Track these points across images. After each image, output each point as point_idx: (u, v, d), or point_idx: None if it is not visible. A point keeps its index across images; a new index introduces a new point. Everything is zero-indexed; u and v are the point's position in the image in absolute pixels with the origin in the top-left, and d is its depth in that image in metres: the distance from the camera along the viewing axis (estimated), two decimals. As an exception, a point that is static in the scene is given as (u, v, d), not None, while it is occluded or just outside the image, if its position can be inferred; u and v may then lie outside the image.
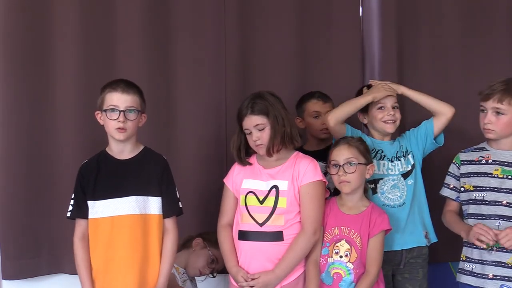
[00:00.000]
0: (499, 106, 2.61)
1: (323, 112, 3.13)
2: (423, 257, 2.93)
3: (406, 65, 3.42)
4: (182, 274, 3.02)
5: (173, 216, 2.71)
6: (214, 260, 3.06)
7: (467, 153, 2.81)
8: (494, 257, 2.62)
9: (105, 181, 2.66)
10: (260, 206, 2.70)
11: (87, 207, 2.66)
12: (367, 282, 2.67)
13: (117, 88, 2.62)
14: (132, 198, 2.63)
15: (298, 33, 3.42)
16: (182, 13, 3.34)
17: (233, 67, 3.37)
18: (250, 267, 2.68)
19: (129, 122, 2.62)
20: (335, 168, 2.74)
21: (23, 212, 3.25)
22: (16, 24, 3.21)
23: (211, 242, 3.03)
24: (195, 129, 3.35)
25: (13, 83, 3.23)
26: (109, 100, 2.63)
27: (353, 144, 2.76)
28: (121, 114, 2.60)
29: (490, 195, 2.66)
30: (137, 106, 2.65)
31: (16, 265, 3.26)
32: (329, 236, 2.75)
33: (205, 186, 3.30)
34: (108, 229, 2.63)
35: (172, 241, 2.68)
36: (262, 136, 2.70)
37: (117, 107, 2.61)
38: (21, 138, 3.25)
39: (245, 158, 2.79)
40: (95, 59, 3.28)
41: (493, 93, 2.62)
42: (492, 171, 2.67)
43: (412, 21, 3.44)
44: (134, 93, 2.65)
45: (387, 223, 2.73)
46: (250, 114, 2.71)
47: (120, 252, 2.62)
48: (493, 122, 2.64)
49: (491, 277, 2.62)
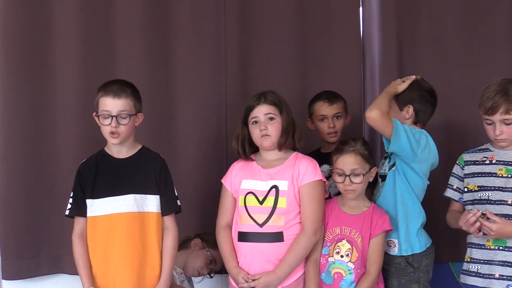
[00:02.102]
0: (507, 117, 2.61)
1: (329, 115, 3.09)
2: (397, 266, 2.78)
3: (406, 65, 3.41)
4: (180, 274, 3.03)
5: (172, 214, 2.72)
6: (213, 261, 3.06)
7: (471, 153, 2.80)
8: (501, 256, 2.62)
9: (104, 179, 2.68)
10: (260, 207, 2.69)
11: (85, 205, 2.68)
12: (368, 282, 2.67)
13: (109, 93, 2.62)
14: (130, 196, 2.65)
15: (298, 33, 3.41)
16: (182, 13, 3.34)
17: (233, 67, 3.37)
18: (250, 268, 2.67)
19: (122, 127, 2.63)
20: (341, 177, 2.72)
21: (23, 212, 3.26)
22: (16, 24, 3.22)
23: (209, 242, 3.04)
24: (195, 129, 3.35)
25: (12, 83, 3.24)
26: (102, 104, 2.64)
27: (358, 152, 2.72)
28: (113, 120, 2.61)
29: (495, 194, 2.64)
30: (130, 110, 2.65)
31: (16, 265, 3.27)
32: (330, 236, 2.74)
33: (205, 186, 3.30)
34: (106, 227, 2.65)
35: (172, 238, 2.69)
36: (271, 127, 2.70)
37: (110, 112, 2.62)
38: (21, 138, 3.25)
39: (249, 152, 2.78)
40: (95, 59, 3.28)
41: (498, 106, 2.60)
42: (497, 171, 2.67)
43: (412, 21, 3.43)
44: (126, 97, 2.64)
45: (388, 224, 2.73)
46: (262, 103, 2.72)
47: (118, 249, 2.63)
48: (505, 131, 2.63)
49: (498, 277, 2.61)
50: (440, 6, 3.42)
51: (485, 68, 3.36)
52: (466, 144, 3.18)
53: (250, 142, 2.78)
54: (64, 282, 3.34)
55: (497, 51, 3.39)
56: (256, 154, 2.82)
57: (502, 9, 3.41)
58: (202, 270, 3.08)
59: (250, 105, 2.76)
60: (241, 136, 2.78)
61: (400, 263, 2.78)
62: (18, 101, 3.25)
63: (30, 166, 3.26)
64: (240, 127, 2.79)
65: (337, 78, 3.39)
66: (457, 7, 3.41)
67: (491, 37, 3.40)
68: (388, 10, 3.42)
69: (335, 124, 3.09)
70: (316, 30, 3.43)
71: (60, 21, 3.26)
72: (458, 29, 3.42)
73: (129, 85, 2.69)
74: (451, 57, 3.41)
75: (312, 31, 3.42)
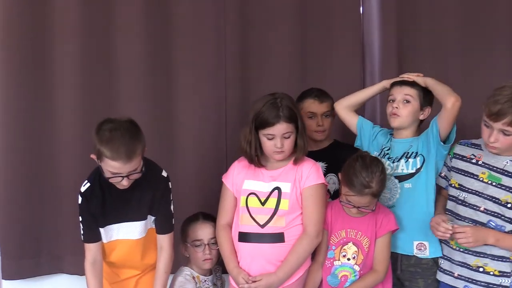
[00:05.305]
0: (508, 129, 2.47)
1: (319, 113, 3.08)
2: (424, 267, 2.75)
3: (406, 65, 3.41)
4: (204, 281, 2.94)
5: (169, 234, 2.72)
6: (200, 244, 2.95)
7: (463, 146, 2.72)
8: (460, 257, 2.62)
9: (112, 207, 2.62)
10: (261, 208, 2.68)
11: (98, 232, 2.64)
12: (373, 278, 2.66)
13: (118, 159, 2.41)
14: (137, 223, 2.65)
15: (298, 33, 3.41)
16: (183, 13, 3.32)
17: (233, 67, 3.36)
18: (250, 269, 2.67)
19: (131, 181, 2.51)
20: (350, 204, 2.65)
21: (23, 212, 3.26)
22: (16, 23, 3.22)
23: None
24: (195, 130, 3.34)
25: (12, 83, 3.23)
26: (109, 166, 2.45)
27: (373, 194, 2.60)
28: (124, 179, 2.47)
29: (471, 198, 2.60)
30: (140, 166, 2.51)
31: (16, 265, 3.28)
32: (336, 239, 2.73)
33: (205, 187, 3.29)
34: (114, 252, 2.67)
35: (165, 261, 2.70)
36: (286, 143, 2.66)
37: (120, 174, 2.46)
38: (21, 138, 3.25)
39: (261, 162, 2.73)
40: (95, 60, 3.28)
41: (504, 115, 2.44)
42: (479, 174, 2.60)
43: (412, 20, 3.43)
44: (137, 155, 2.46)
45: (393, 223, 2.71)
46: (282, 121, 2.62)
47: (131, 269, 2.70)
48: (499, 140, 2.51)
49: (457, 276, 2.63)
50: (440, 6, 3.41)
51: (485, 69, 3.36)
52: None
53: (261, 148, 2.70)
54: (64, 282, 3.35)
55: (497, 51, 3.39)
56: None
57: (502, 9, 3.41)
58: (206, 255, 2.92)
59: (267, 120, 2.62)
60: (254, 143, 2.67)
61: (428, 263, 2.75)
62: (18, 100, 3.24)
63: (30, 166, 3.26)
64: (248, 131, 2.68)
65: (337, 78, 3.38)
66: (457, 8, 3.41)
67: (491, 37, 3.40)
68: (388, 10, 3.41)
69: (324, 122, 3.09)
70: (316, 30, 3.42)
71: (60, 21, 3.25)
72: (458, 29, 3.42)
73: (136, 136, 2.48)
74: (451, 58, 3.41)
75: (312, 31, 3.42)
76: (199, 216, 2.90)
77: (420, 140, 2.81)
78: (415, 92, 2.81)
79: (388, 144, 2.88)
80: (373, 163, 2.64)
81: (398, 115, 2.80)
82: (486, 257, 2.58)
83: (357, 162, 2.63)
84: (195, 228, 2.90)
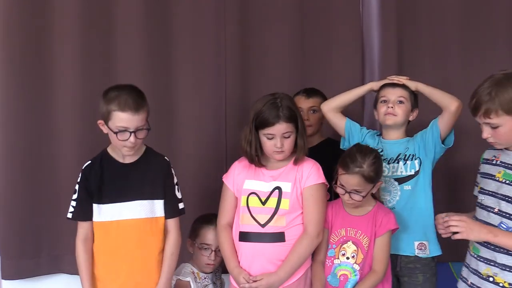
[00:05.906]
0: (488, 121, 2.32)
1: (305, 108, 3.10)
2: (424, 262, 2.81)
3: (406, 64, 3.42)
4: (204, 279, 2.96)
5: (175, 218, 2.70)
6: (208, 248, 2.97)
7: (489, 150, 2.58)
8: (474, 264, 2.48)
9: (110, 184, 2.64)
10: (262, 207, 2.69)
11: (91, 210, 2.64)
12: (373, 279, 2.67)
13: (126, 109, 2.49)
14: (138, 202, 2.63)
15: (298, 33, 3.41)
16: (183, 13, 3.33)
17: (233, 67, 3.37)
18: (251, 269, 2.67)
19: (138, 140, 2.56)
20: (342, 190, 2.68)
21: (23, 212, 3.26)
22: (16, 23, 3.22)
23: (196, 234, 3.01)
24: (195, 129, 3.35)
25: (12, 83, 3.23)
26: (117, 120, 2.51)
27: (363, 174, 2.61)
28: (131, 136, 2.52)
29: (488, 199, 2.45)
30: (146, 122, 2.56)
31: (16, 265, 3.27)
32: (336, 238, 2.74)
33: (205, 187, 3.30)
34: (115, 232, 2.63)
35: (172, 243, 2.68)
36: (287, 143, 2.66)
37: (127, 128, 2.51)
38: (21, 138, 3.25)
39: (261, 162, 2.73)
40: (95, 60, 3.28)
41: (480, 106, 2.32)
42: (496, 174, 2.45)
43: (412, 20, 3.44)
44: (144, 110, 2.54)
45: (393, 223, 2.71)
46: (282, 121, 2.63)
47: (127, 255, 2.63)
48: (492, 135, 2.35)
49: (470, 284, 2.50)
50: (440, 6, 3.42)
51: (485, 68, 3.34)
52: (465, 145, 3.19)
53: (261, 148, 2.71)
54: (64, 282, 3.35)
55: (497, 51, 3.40)
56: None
57: (502, 9, 3.42)
58: (210, 260, 2.97)
59: (267, 120, 2.63)
60: (254, 143, 2.68)
61: (427, 259, 2.82)
62: (18, 100, 3.24)
63: (30, 166, 3.26)
64: (249, 131, 2.69)
65: (337, 78, 3.39)
66: (457, 7, 3.41)
67: (491, 37, 3.41)
68: (388, 10, 3.42)
69: (310, 117, 3.11)
70: (316, 30, 3.43)
71: (60, 21, 3.25)
72: (458, 29, 3.43)
73: (141, 94, 2.59)
74: (451, 57, 3.42)
75: (312, 31, 3.43)
76: (213, 220, 2.89)
77: (416, 142, 2.86)
78: (407, 94, 2.87)
79: (379, 146, 2.90)
80: (369, 150, 2.69)
81: (394, 114, 2.84)
82: (497, 266, 2.40)
83: (354, 147, 2.73)
84: (207, 231, 2.93)
